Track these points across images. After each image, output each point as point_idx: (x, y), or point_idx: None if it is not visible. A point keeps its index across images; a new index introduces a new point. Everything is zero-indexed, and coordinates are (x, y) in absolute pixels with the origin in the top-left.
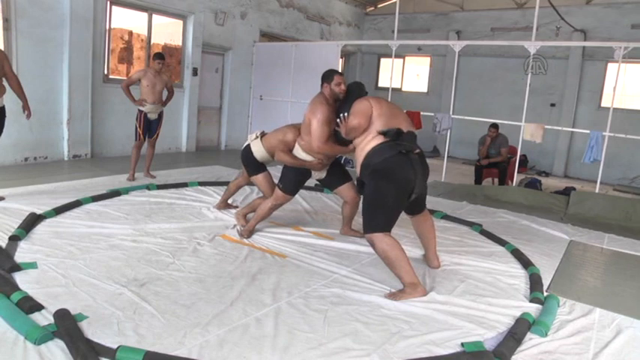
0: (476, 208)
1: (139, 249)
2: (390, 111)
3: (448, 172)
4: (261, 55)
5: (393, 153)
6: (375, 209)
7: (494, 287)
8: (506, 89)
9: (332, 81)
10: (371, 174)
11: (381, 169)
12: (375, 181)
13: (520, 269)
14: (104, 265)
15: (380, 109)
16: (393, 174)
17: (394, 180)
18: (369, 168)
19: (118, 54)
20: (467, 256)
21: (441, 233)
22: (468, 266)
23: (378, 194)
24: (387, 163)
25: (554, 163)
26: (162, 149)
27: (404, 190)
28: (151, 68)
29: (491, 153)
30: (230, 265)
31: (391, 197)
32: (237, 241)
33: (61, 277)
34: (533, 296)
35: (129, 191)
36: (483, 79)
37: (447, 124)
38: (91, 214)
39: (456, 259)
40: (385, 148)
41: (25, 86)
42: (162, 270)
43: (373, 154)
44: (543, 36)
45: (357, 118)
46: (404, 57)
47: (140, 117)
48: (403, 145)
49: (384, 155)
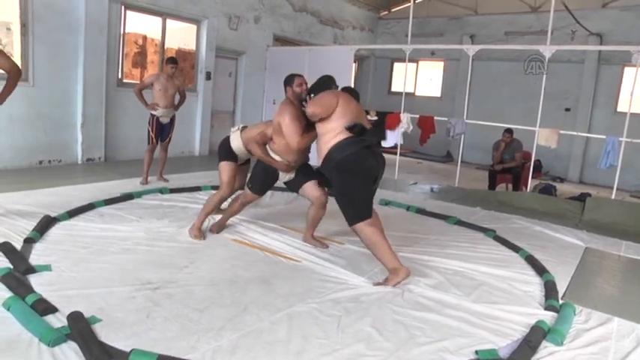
0: (489, 213)
1: (152, 252)
2: (356, 111)
3: (461, 177)
4: (275, 59)
5: (358, 148)
6: (349, 203)
7: (508, 294)
8: (520, 94)
9: (293, 83)
10: (336, 168)
11: (347, 162)
12: (342, 176)
13: (534, 276)
14: (117, 268)
15: (347, 108)
16: (358, 166)
17: (360, 171)
18: (333, 162)
19: (132, 58)
20: (480, 263)
21: (454, 239)
22: (482, 273)
23: (348, 188)
24: (353, 157)
25: (569, 169)
26: (175, 153)
27: (370, 178)
28: (164, 73)
29: (505, 158)
30: (244, 269)
31: (360, 188)
32: (251, 245)
33: (75, 280)
34: (549, 304)
35: (142, 195)
36: (497, 83)
37: (461, 128)
38: (105, 217)
39: (469, 265)
40: (351, 143)
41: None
42: (176, 274)
43: (338, 149)
44: (558, 40)
45: (314, 106)
46: (417, 61)
47: (152, 121)
48: (367, 140)
49: (350, 150)
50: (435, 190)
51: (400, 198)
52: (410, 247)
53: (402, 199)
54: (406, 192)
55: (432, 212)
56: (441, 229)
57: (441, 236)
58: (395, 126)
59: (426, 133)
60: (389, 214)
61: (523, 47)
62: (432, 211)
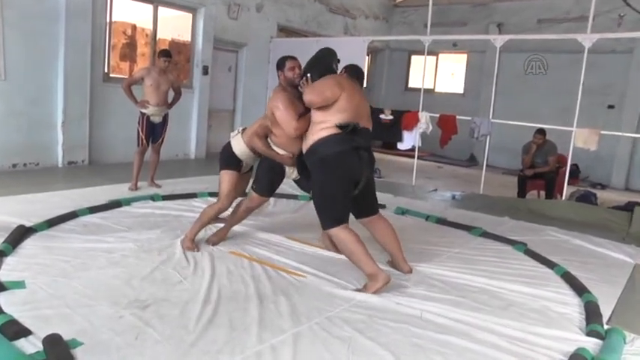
0: (519, 224)
1: (142, 266)
2: (358, 108)
3: (487, 183)
4: (279, 52)
5: (345, 147)
6: (325, 205)
7: (542, 316)
8: (555, 89)
9: (284, 67)
10: (318, 164)
11: (329, 160)
12: (323, 174)
13: (573, 296)
14: (102, 285)
15: (350, 102)
16: (340, 166)
17: (341, 171)
18: (316, 155)
19: (120, 50)
20: (509, 280)
21: (479, 252)
22: (511, 291)
23: (327, 188)
24: (336, 156)
25: (612, 174)
26: (168, 156)
27: (351, 181)
28: (156, 66)
29: (536, 162)
30: (243, 285)
31: (338, 191)
32: (251, 258)
33: (53, 298)
34: (591, 329)
35: (131, 202)
36: (529, 78)
37: (486, 129)
38: (89, 227)
39: (496, 282)
40: (338, 140)
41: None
42: (168, 290)
43: (324, 143)
44: (601, 27)
45: (312, 94)
46: (437, 54)
47: (142, 120)
48: (356, 141)
49: (335, 148)
50: (457, 197)
51: (418, 206)
52: (429, 261)
53: (421, 207)
54: (425, 200)
55: (454, 222)
56: (464, 242)
57: (464, 249)
58: (412, 126)
59: (447, 134)
60: (406, 224)
61: (559, 37)
62: (454, 222)
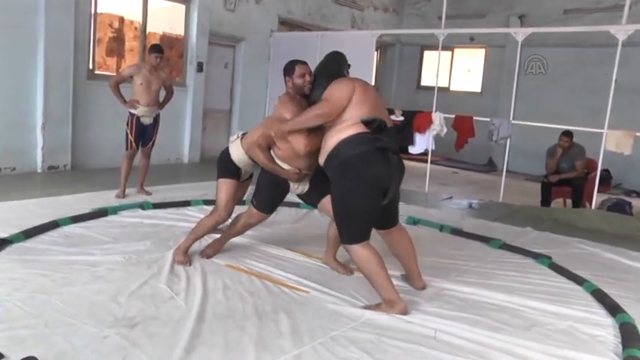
0: (543, 235)
1: (129, 281)
2: (375, 101)
3: (507, 190)
4: (280, 47)
5: (370, 148)
6: (347, 218)
7: (570, 337)
8: (583, 87)
9: (293, 73)
10: (339, 168)
11: (352, 163)
12: (345, 180)
13: (605, 316)
14: (85, 301)
15: (364, 95)
16: (363, 171)
17: (366, 180)
18: (338, 159)
19: (106, 45)
20: (532, 297)
21: (499, 266)
22: (534, 309)
23: (349, 199)
24: (361, 158)
25: None
26: (159, 160)
27: (375, 193)
28: (147, 63)
29: (562, 167)
30: (240, 301)
31: (364, 203)
32: (250, 272)
33: (30, 317)
34: (629, 354)
35: (118, 210)
36: (554, 74)
37: (507, 131)
38: (71, 237)
39: (518, 299)
40: (363, 139)
41: None
42: (158, 307)
43: (346, 144)
44: (637, 17)
45: (324, 107)
46: (453, 49)
47: (132, 121)
48: (383, 141)
49: (360, 148)
50: (474, 206)
51: (432, 215)
52: (444, 276)
53: (435, 216)
54: (439, 208)
55: (471, 233)
56: (482, 255)
57: (482, 263)
58: (425, 128)
59: (464, 137)
60: (418, 235)
61: (589, 29)
62: (471, 232)
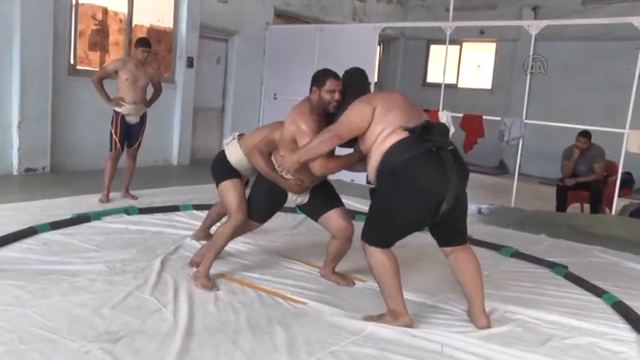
0: (558, 243)
1: (113, 292)
2: (404, 105)
3: (520, 194)
4: (276, 41)
5: (420, 151)
6: (381, 220)
7: (589, 354)
8: (602, 84)
9: (323, 86)
10: (390, 175)
11: (403, 172)
12: (390, 186)
13: (628, 331)
14: (65, 314)
15: (387, 102)
16: (415, 181)
17: (416, 190)
18: (387, 169)
19: (89, 38)
20: (547, 309)
21: (511, 276)
22: (550, 323)
23: (391, 204)
24: (411, 165)
25: None
26: (146, 162)
27: (427, 205)
28: (133, 57)
29: (579, 170)
30: (233, 313)
31: (405, 213)
32: (243, 282)
33: (4, 332)
34: None
35: (101, 216)
36: (570, 70)
37: (519, 131)
38: (50, 245)
39: (532, 311)
40: (409, 143)
41: None
42: (145, 320)
43: (390, 154)
44: None
45: (339, 129)
46: (461, 43)
47: (116, 120)
48: (433, 141)
49: (408, 154)
50: (484, 211)
51: None
52: (451, 287)
53: None
54: None
55: (480, 241)
56: (492, 264)
57: (492, 273)
58: None
59: (473, 137)
60: (423, 242)
61: (609, 21)
62: (481, 240)
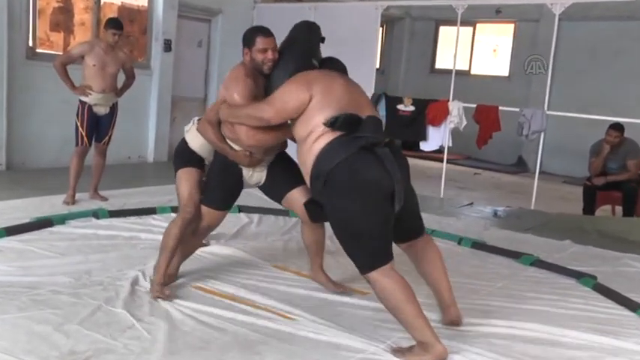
0: (586, 250)
1: (80, 306)
2: (344, 99)
3: (541, 195)
4: (265, 21)
5: (352, 151)
6: (354, 243)
7: None
8: (636, 70)
9: (253, 45)
10: (325, 189)
11: (337, 179)
12: (336, 203)
13: None
14: (23, 332)
15: (328, 97)
16: (355, 183)
17: (361, 191)
18: (320, 179)
19: (51, 17)
20: (574, 325)
21: (532, 288)
22: (577, 341)
23: (349, 222)
24: (344, 168)
25: None
26: (117, 159)
27: (380, 200)
28: (102, 41)
29: (610, 167)
30: (216, 330)
31: (367, 219)
32: (225, 296)
33: None
34: None
35: (66, 220)
36: (598, 54)
37: (540, 124)
38: (6, 253)
39: (556, 329)
40: (338, 145)
41: None
42: (116, 338)
43: (322, 159)
44: None
45: (267, 109)
46: (475, 24)
47: (82, 111)
48: (365, 138)
49: (338, 157)
50: (500, 214)
51: (449, 226)
52: (463, 299)
53: (452, 227)
54: (457, 217)
55: (496, 247)
56: (510, 273)
57: (511, 283)
58: (440, 120)
59: (487, 131)
60: None
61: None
62: (497, 246)
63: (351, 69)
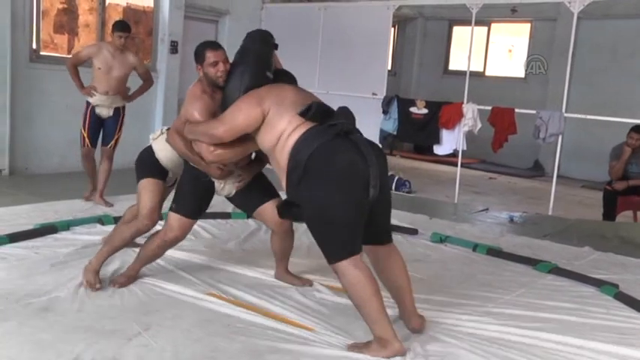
0: (607, 257)
1: (85, 313)
2: (301, 102)
3: (559, 200)
4: (274, 23)
5: (328, 137)
6: (328, 230)
7: None
8: None
9: (204, 60)
10: (304, 179)
11: (315, 165)
12: (313, 191)
13: None
14: (27, 340)
15: (281, 107)
16: (332, 166)
17: (337, 176)
18: (298, 169)
19: (55, 19)
20: (594, 336)
21: (550, 296)
22: (598, 353)
23: (324, 209)
24: (322, 152)
25: None
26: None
27: (355, 184)
28: (110, 43)
29: (632, 171)
30: (226, 339)
31: (343, 205)
32: (237, 302)
33: None
34: None
35: (70, 226)
36: (619, 54)
37: (558, 127)
38: (9, 260)
39: (576, 340)
40: (314, 134)
41: None
42: (121, 346)
43: (299, 149)
44: None
45: (221, 127)
46: (489, 23)
47: (86, 112)
48: (340, 124)
49: (316, 143)
50: (516, 219)
51: (463, 232)
52: (478, 308)
53: (466, 233)
54: (472, 223)
55: (512, 254)
56: (527, 281)
57: (528, 292)
58: (454, 123)
59: (503, 134)
60: (445, 256)
61: None
62: (513, 253)
63: (362, 70)
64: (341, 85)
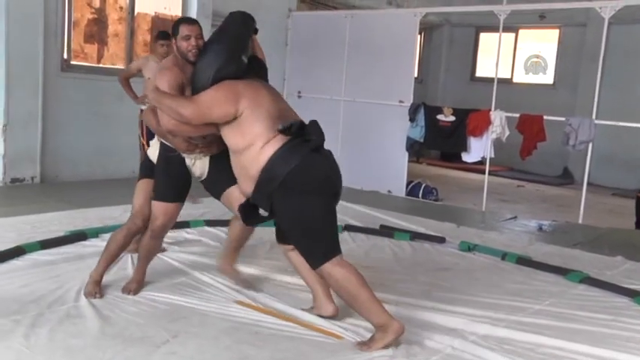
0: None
1: (114, 320)
2: (280, 106)
3: (589, 208)
4: (300, 30)
5: (304, 153)
6: (309, 236)
7: None
8: None
9: (178, 33)
10: (280, 190)
11: (295, 179)
12: (291, 201)
13: None
14: (59, 347)
15: (256, 110)
16: (312, 182)
17: (315, 188)
18: (274, 181)
19: (85, 29)
20: (628, 348)
21: (581, 307)
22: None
23: (304, 217)
24: (302, 169)
25: None
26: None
27: (331, 195)
28: (155, 54)
29: None
30: (255, 348)
31: (320, 212)
32: (265, 310)
33: None
34: None
35: (100, 233)
36: None
37: (588, 134)
38: (40, 266)
39: (608, 352)
40: (291, 150)
41: None
42: (150, 353)
43: (277, 163)
44: None
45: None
46: (517, 30)
47: (142, 121)
48: (314, 140)
49: (295, 160)
50: (546, 228)
51: (492, 241)
52: (507, 317)
53: (495, 242)
54: (500, 231)
55: (542, 263)
56: (557, 291)
57: (558, 302)
58: (482, 131)
59: (531, 141)
60: (473, 265)
61: None
62: (543, 262)
63: (388, 78)
64: (367, 92)
